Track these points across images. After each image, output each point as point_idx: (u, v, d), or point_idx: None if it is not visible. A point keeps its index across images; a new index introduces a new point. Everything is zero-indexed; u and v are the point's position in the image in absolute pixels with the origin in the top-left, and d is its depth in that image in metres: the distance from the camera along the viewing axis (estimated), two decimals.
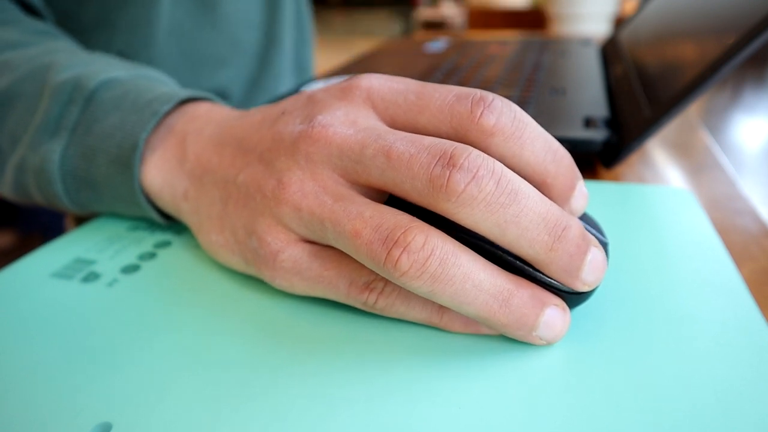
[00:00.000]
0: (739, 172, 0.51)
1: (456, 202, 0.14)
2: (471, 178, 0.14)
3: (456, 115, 0.17)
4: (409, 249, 0.14)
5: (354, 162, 0.16)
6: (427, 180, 0.15)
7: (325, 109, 0.18)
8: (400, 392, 0.14)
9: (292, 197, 0.17)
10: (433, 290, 0.14)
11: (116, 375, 0.15)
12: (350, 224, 0.15)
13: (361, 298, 0.17)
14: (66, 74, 0.24)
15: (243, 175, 0.19)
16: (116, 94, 0.24)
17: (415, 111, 0.17)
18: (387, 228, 0.15)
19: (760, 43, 0.22)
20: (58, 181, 0.23)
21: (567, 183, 0.17)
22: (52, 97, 0.24)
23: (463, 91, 0.17)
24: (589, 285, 0.15)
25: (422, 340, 0.16)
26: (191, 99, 0.25)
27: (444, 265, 0.14)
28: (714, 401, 0.13)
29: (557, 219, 0.15)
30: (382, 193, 0.17)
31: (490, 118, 0.16)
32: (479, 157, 0.14)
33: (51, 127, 0.23)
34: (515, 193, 0.14)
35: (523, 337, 0.15)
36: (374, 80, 0.19)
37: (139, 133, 0.22)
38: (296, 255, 0.17)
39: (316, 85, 0.43)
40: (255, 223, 0.18)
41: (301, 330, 0.17)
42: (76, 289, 0.20)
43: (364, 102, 0.18)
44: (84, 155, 0.23)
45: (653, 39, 0.37)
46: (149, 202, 0.23)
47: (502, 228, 0.14)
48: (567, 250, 0.15)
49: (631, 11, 0.88)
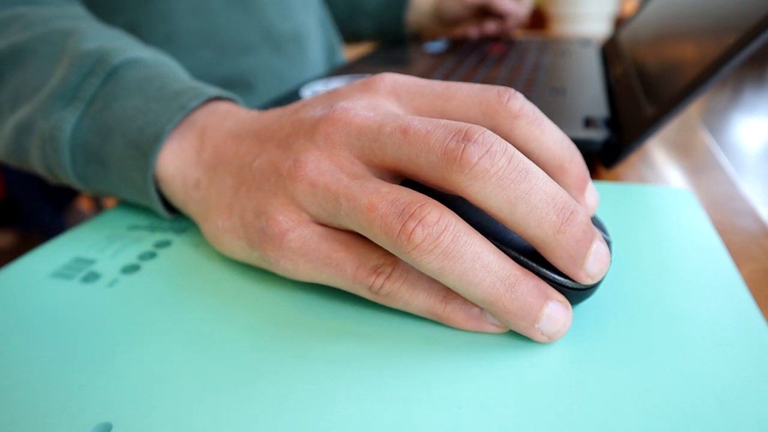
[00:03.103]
0: (739, 172, 0.51)
1: (468, 174, 0.14)
2: (485, 152, 0.14)
3: (485, 100, 0.18)
4: (424, 222, 0.14)
5: (371, 141, 0.17)
6: (441, 153, 0.15)
7: (348, 98, 0.19)
8: (401, 390, 0.14)
9: (308, 174, 0.17)
10: (443, 267, 0.14)
11: (116, 375, 0.15)
12: (366, 198, 0.15)
13: (368, 281, 0.17)
14: (89, 44, 0.24)
15: (259, 161, 0.19)
16: (139, 76, 0.24)
17: (443, 99, 0.19)
18: (403, 202, 0.15)
19: (760, 43, 0.22)
20: (67, 152, 0.23)
21: (582, 172, 0.18)
22: (71, 65, 0.23)
23: (488, 85, 0.19)
24: (592, 277, 0.15)
25: (424, 338, 0.16)
26: (216, 97, 0.25)
27: (456, 242, 0.14)
28: (714, 401, 0.13)
29: (566, 202, 0.15)
30: (395, 178, 0.18)
31: (516, 103, 0.18)
32: (492, 136, 0.15)
33: (67, 96, 0.23)
34: (526, 171, 0.15)
35: (526, 329, 0.15)
36: (398, 75, 0.20)
37: (164, 124, 0.22)
38: (305, 235, 0.17)
39: (316, 86, 0.43)
40: (267, 203, 0.18)
41: (301, 330, 0.17)
42: (76, 289, 0.20)
43: (388, 94, 0.19)
44: (99, 131, 0.23)
45: (653, 39, 0.37)
46: (157, 191, 0.23)
47: (512, 204, 0.14)
48: (574, 235, 0.15)
49: (631, 11, 0.88)
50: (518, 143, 0.18)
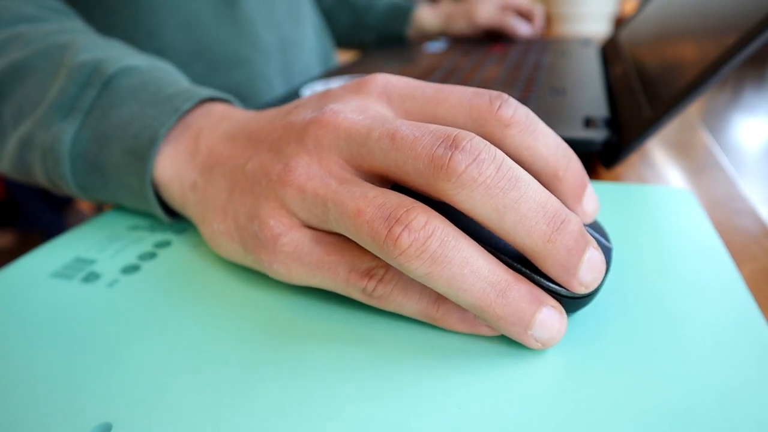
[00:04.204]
0: (739, 172, 0.51)
1: (456, 183, 0.14)
2: (472, 160, 0.14)
3: (476, 106, 0.17)
4: (410, 227, 0.14)
5: (359, 145, 0.17)
6: (428, 160, 0.15)
7: (339, 100, 0.19)
8: (399, 392, 0.14)
9: (298, 179, 0.17)
10: (431, 272, 0.14)
11: (116, 375, 0.15)
12: (354, 203, 0.15)
13: (361, 284, 0.16)
14: (85, 56, 0.24)
15: (251, 164, 0.19)
16: (134, 82, 0.24)
17: (434, 103, 0.18)
18: (390, 207, 0.15)
19: (760, 43, 0.22)
20: (67, 163, 0.23)
21: (578, 180, 0.17)
22: (69, 78, 0.24)
23: (480, 89, 0.18)
24: (586, 286, 0.15)
25: (422, 340, 0.16)
26: (210, 99, 0.25)
27: (444, 246, 0.14)
28: (714, 401, 0.13)
29: (556, 210, 0.15)
30: (385, 182, 0.17)
31: (508, 110, 0.17)
32: (481, 143, 0.15)
33: (65, 108, 0.23)
34: (515, 180, 0.14)
35: (518, 335, 0.15)
36: (390, 77, 0.19)
37: (158, 128, 0.22)
38: (298, 239, 0.17)
39: (315, 86, 0.43)
40: (258, 207, 0.18)
41: (301, 330, 0.17)
42: (76, 289, 0.20)
43: (379, 96, 0.19)
44: (97, 140, 0.23)
45: (653, 39, 0.37)
46: (156, 195, 0.23)
47: (500, 213, 0.14)
48: (565, 244, 0.14)
49: (631, 11, 0.88)
50: (510, 152, 0.17)
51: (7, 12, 0.29)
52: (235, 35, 0.48)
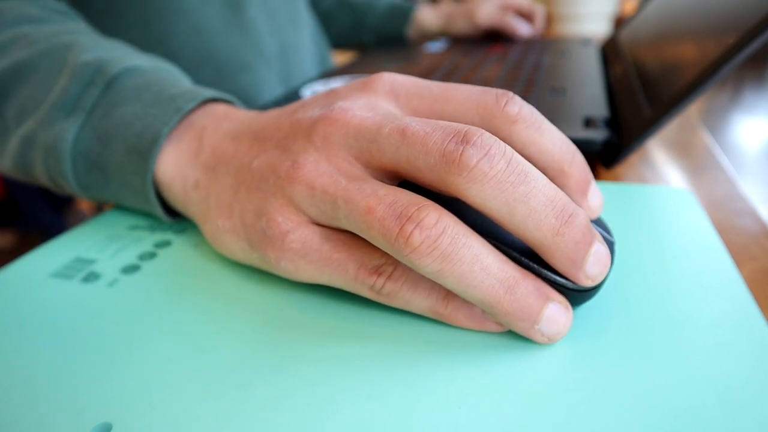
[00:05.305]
0: (739, 172, 0.51)
1: (467, 177, 0.14)
2: (483, 155, 0.14)
3: (483, 103, 0.18)
4: (422, 225, 0.14)
5: (369, 142, 0.17)
6: (440, 155, 0.15)
7: (346, 98, 0.19)
8: (400, 390, 0.14)
9: (306, 176, 0.17)
10: (442, 269, 0.14)
11: (116, 375, 0.15)
12: (364, 201, 0.15)
13: (369, 281, 0.17)
14: (88, 56, 0.25)
15: (258, 161, 0.19)
16: (138, 82, 0.24)
17: (441, 101, 0.18)
18: (401, 205, 0.15)
19: (760, 43, 0.22)
20: (68, 161, 0.23)
21: (583, 175, 0.18)
22: (72, 77, 0.24)
23: (486, 87, 0.18)
24: (592, 279, 0.15)
25: (425, 338, 0.16)
26: (213, 99, 0.25)
27: (455, 244, 0.14)
28: (714, 401, 0.13)
29: (565, 204, 0.15)
30: (393, 179, 0.17)
31: (514, 107, 0.17)
32: (491, 138, 0.15)
33: (68, 107, 0.23)
34: (525, 174, 0.15)
35: (526, 330, 0.15)
36: (396, 75, 0.20)
37: (161, 127, 0.22)
38: (306, 236, 0.17)
39: (315, 86, 0.43)
40: (266, 204, 0.18)
41: (302, 329, 0.17)
42: (76, 289, 0.20)
43: (387, 94, 0.19)
44: (99, 139, 0.23)
45: (653, 39, 0.37)
46: (157, 195, 0.23)
47: (510, 207, 0.14)
48: (573, 237, 0.15)
49: (631, 11, 0.88)
50: (517, 147, 0.17)
51: (11, 12, 0.29)
52: (241, 40, 0.48)
